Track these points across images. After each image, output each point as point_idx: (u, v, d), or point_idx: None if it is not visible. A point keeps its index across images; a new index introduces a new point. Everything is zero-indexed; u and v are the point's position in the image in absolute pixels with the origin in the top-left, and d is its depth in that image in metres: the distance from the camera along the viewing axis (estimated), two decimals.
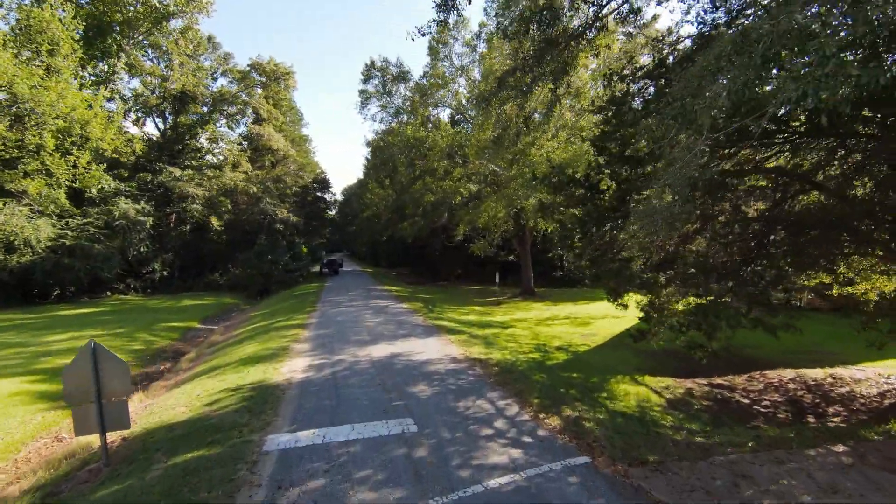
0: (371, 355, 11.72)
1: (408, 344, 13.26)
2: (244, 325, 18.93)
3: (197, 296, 29.37)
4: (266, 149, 38.36)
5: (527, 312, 22.72)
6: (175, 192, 30.40)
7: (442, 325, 17.14)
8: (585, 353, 13.74)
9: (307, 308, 21.20)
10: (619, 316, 21.29)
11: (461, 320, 19.13)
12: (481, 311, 22.53)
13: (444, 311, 21.89)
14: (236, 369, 10.65)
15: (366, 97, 29.83)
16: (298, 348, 12.70)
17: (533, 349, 13.92)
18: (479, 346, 13.56)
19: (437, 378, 9.77)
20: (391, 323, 17.02)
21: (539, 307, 24.69)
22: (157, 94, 33.59)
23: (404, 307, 21.98)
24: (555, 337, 16.19)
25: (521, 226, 27.09)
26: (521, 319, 20.14)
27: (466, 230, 30.03)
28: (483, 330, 16.82)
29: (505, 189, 20.50)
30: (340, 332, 15.04)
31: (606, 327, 18.33)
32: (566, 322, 19.67)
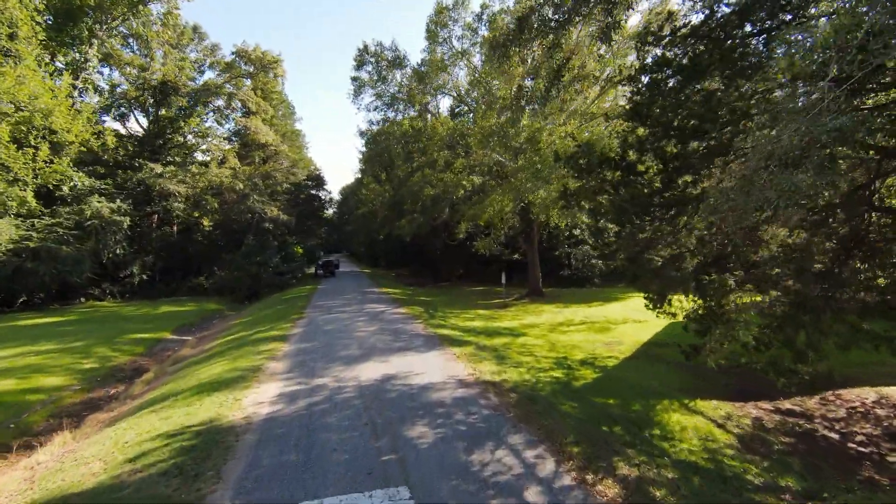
0: (359, 378, 9.54)
1: (405, 361, 11.09)
2: (220, 336, 16.76)
3: (178, 301, 27.21)
4: (255, 144, 36.15)
5: (537, 316, 20.56)
6: (155, 189, 28.20)
7: (444, 334, 14.98)
8: (615, 369, 11.57)
9: (294, 315, 19.02)
10: (640, 320, 19.18)
11: (466, 327, 16.97)
12: (487, 316, 20.36)
13: (446, 316, 19.73)
14: (187, 401, 8.47)
15: (359, 85, 27.61)
16: (273, 369, 10.53)
17: (553, 364, 11.76)
18: (489, 361, 11.40)
19: (440, 412, 7.60)
20: (386, 332, 14.85)
21: (550, 310, 22.53)
22: (136, 85, 31.38)
23: (402, 312, 19.81)
24: (574, 347, 14.03)
25: (528, 221, 24.93)
26: (533, 325, 17.98)
27: (469, 227, 27.86)
28: (491, 339, 14.66)
29: (513, 180, 18.34)
30: (327, 345, 12.86)
31: (630, 334, 16.17)
32: (583, 328, 17.51)
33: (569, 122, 19.04)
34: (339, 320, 17.37)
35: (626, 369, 11.60)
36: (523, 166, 19.92)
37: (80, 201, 25.61)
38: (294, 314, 19.23)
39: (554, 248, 37.31)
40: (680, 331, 16.84)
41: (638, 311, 21.31)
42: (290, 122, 43.17)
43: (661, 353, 13.40)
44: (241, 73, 32.81)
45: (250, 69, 33.25)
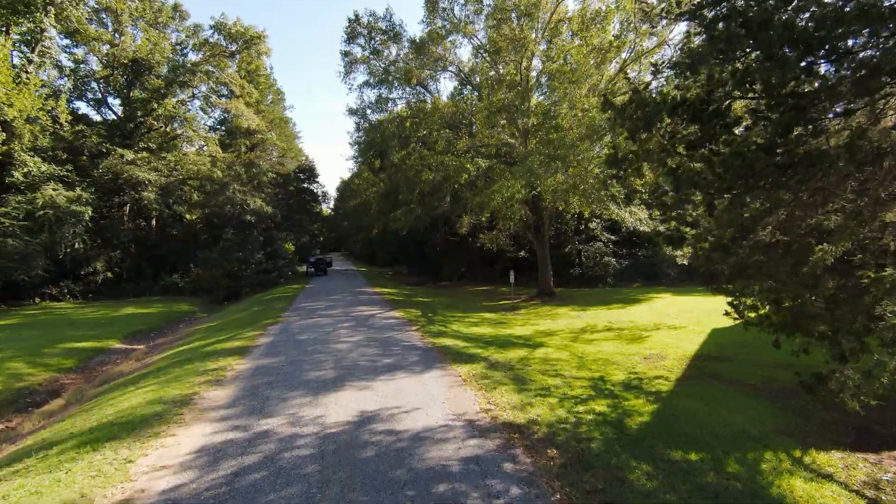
0: (325, 419, 6.64)
1: (393, 387, 8.19)
2: (174, 346, 13.85)
3: (146, 302, 24.33)
4: (240, 131, 33.23)
5: (553, 321, 17.70)
6: (122, 177, 25.27)
7: (446, 345, 12.10)
8: (673, 397, 8.68)
9: (268, 319, 16.11)
10: (675, 326, 16.31)
11: (471, 335, 14.09)
12: (495, 321, 17.49)
13: (447, 321, 16.84)
14: (60, 458, 5.59)
15: (350, 62, 24.69)
16: (210, 400, 7.62)
17: (590, 388, 8.89)
18: (506, 387, 8.51)
19: (444, 491, 4.71)
20: (374, 343, 11.96)
21: (566, 313, 19.66)
22: (105, 63, 28.43)
23: (396, 317, 16.92)
24: (608, 362, 11.17)
25: (538, 214, 22.04)
26: (550, 333, 15.11)
27: (471, 221, 24.98)
28: (504, 352, 11.78)
29: (528, 162, 15.46)
30: (294, 362, 9.95)
31: (670, 344, 13.33)
32: (610, 336, 14.65)
33: (590, 95, 16.14)
34: (318, 327, 14.46)
35: (687, 397, 8.71)
36: (536, 148, 17.05)
37: (34, 189, 22.68)
38: (268, 318, 16.32)
39: (562, 245, 34.46)
40: (731, 339, 13.93)
41: (668, 315, 18.44)
42: (280, 108, 40.29)
43: (720, 372, 10.54)
44: (222, 51, 29.87)
45: (233, 48, 30.30)
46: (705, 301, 22.30)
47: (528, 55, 19.85)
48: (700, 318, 17.68)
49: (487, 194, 16.73)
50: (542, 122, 15.86)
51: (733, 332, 14.86)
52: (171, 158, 28.21)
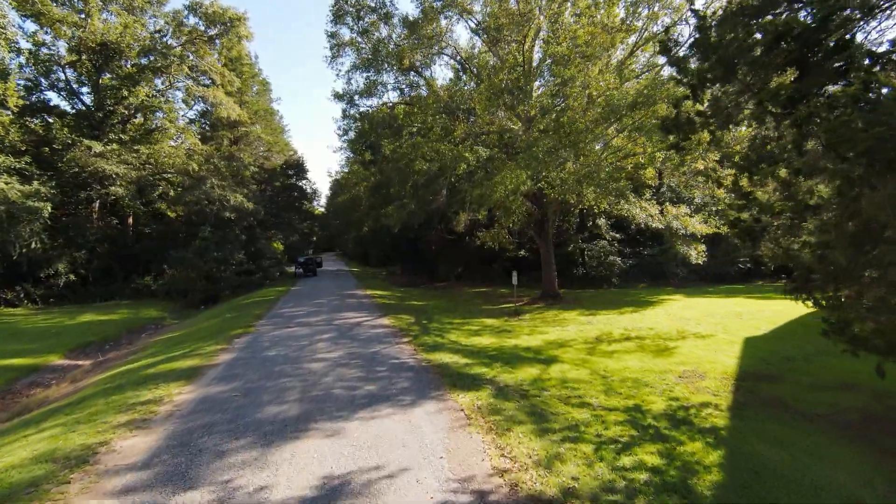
0: (269, 496, 4.59)
1: (374, 431, 6.17)
2: (122, 363, 11.72)
3: (112, 307, 22.14)
4: (222, 122, 31.02)
5: (562, 328, 15.74)
6: (87, 171, 23.03)
7: (443, 362, 10.08)
8: (738, 437, 6.70)
9: (237, 329, 14.02)
10: (702, 334, 14.36)
11: (472, 348, 12.09)
12: (498, 328, 15.49)
13: (444, 329, 14.84)
14: None
15: (337, 44, 22.56)
16: (120, 454, 5.57)
17: (628, 425, 6.91)
18: (523, 429, 6.51)
19: None
20: (356, 362, 9.92)
21: (574, 318, 17.72)
22: (71, 47, 26.13)
23: (385, 325, 14.89)
24: (639, 383, 9.22)
25: (542, 205, 20.03)
26: (562, 343, 13.14)
27: (469, 217, 22.97)
28: (513, 371, 9.79)
29: (535, 147, 13.47)
30: (251, 391, 7.89)
31: (703, 357, 11.42)
32: (632, 347, 12.71)
33: (605, 72, 14.17)
34: (293, 339, 12.38)
35: (756, 437, 6.74)
36: (544, 135, 15.06)
37: None
38: (239, 328, 14.22)
39: (565, 244, 32.56)
40: (770, 351, 11.95)
41: (689, 321, 16.53)
42: (265, 99, 38.04)
43: (778, 397, 8.60)
44: (200, 35, 27.61)
45: (212, 32, 28.04)
46: (723, 304, 20.46)
47: (532, 34, 17.87)
48: (725, 323, 15.80)
49: (489, 186, 14.74)
50: (552, 105, 13.91)
51: (768, 342, 12.99)
52: (145, 151, 25.95)
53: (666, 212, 22.76)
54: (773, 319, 16.02)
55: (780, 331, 14.14)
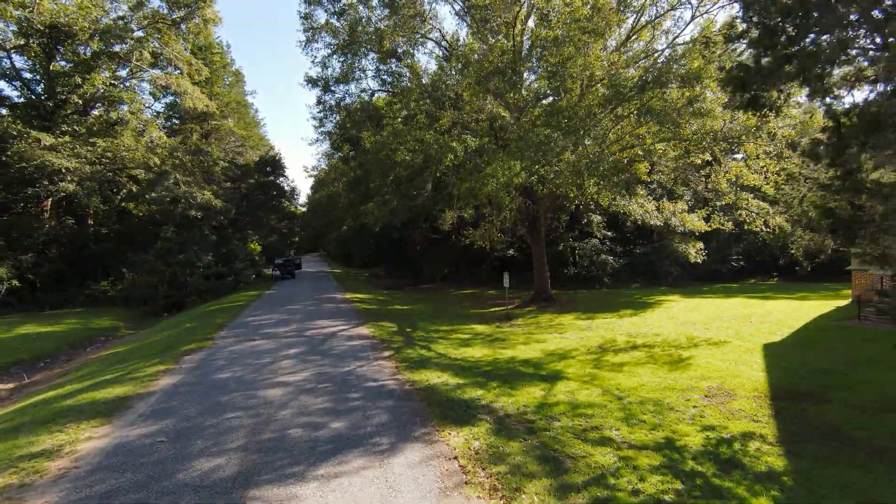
0: None
1: (336, 500, 4.51)
2: (44, 390, 9.79)
3: (60, 317, 19.91)
4: (189, 114, 28.80)
5: (560, 335, 14.31)
6: (33, 164, 20.70)
7: (430, 384, 8.46)
8: (813, 490, 5.24)
9: (192, 343, 12.16)
10: (714, 340, 13.02)
11: (463, 362, 10.51)
12: (491, 337, 13.96)
13: (430, 339, 13.22)
14: None
15: (311, 28, 20.71)
16: None
17: (667, 472, 5.38)
18: (536, 485, 4.92)
19: None
20: (325, 387, 8.22)
21: (571, 323, 16.31)
22: (18, 29, 23.73)
23: (364, 335, 13.21)
24: (662, 406, 7.78)
25: (535, 201, 18.56)
26: (563, 353, 11.67)
27: (456, 214, 21.39)
28: (514, 393, 8.24)
29: (530, 134, 11.94)
30: (183, 434, 6.15)
31: (724, 370, 10.08)
32: (641, 357, 11.33)
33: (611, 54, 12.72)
34: (254, 356, 10.61)
35: (826, 484, 5.30)
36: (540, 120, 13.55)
37: None
38: (194, 341, 12.35)
39: (555, 243, 31.24)
40: (799, 362, 10.67)
41: (694, 325, 15.25)
42: (239, 91, 35.83)
43: (831, 422, 7.21)
44: (163, 18, 25.34)
45: (176, 15, 25.79)
46: (725, 305, 19.31)
47: (523, 14, 16.40)
48: (736, 328, 14.55)
49: (479, 178, 13.18)
50: (547, 87, 12.42)
51: (791, 350, 11.72)
52: (102, 144, 23.68)
53: (663, 208, 21.54)
54: (786, 323, 14.84)
55: (798, 337, 12.91)
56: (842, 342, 12.08)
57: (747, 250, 34.67)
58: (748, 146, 15.88)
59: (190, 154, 25.87)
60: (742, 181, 16.90)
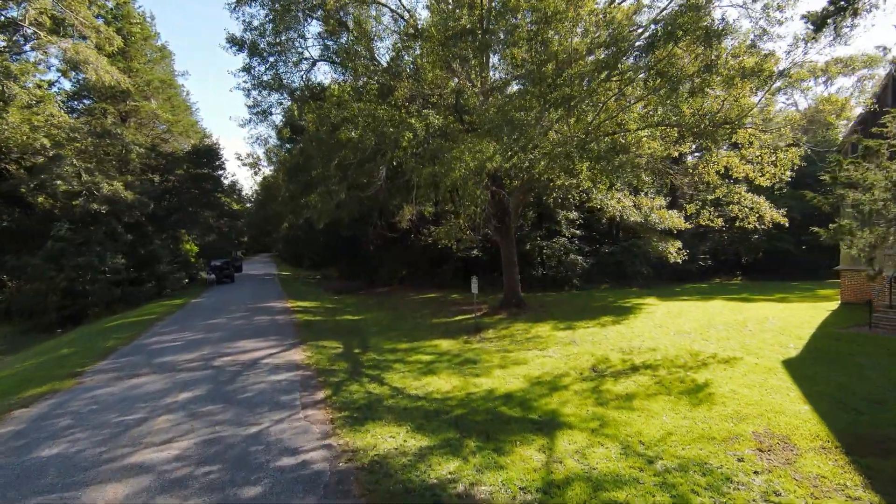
0: None
1: None
2: None
3: None
4: (99, 92, 24.29)
5: (541, 351, 11.90)
6: None
7: (379, 455, 5.66)
8: None
9: (48, 381, 8.69)
10: (725, 357, 10.90)
11: (426, 404, 7.79)
12: (459, 357, 11.29)
13: (383, 365, 10.37)
14: None
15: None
16: None
17: None
18: None
19: None
20: (207, 475, 5.24)
21: (550, 334, 13.94)
22: None
23: (296, 362, 10.17)
24: (717, 476, 5.42)
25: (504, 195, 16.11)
26: (552, 381, 9.24)
27: (416, 210, 18.67)
28: (502, 461, 5.60)
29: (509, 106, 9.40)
30: None
31: (760, 403, 7.95)
32: (646, 382, 9.10)
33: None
34: (122, 408, 7.38)
35: None
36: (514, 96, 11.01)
37: None
38: (52, 379, 8.87)
39: (522, 242, 29.06)
40: (837, 386, 8.74)
41: (688, 335, 13.25)
42: (165, 70, 31.18)
43: None
44: None
45: None
46: (709, 309, 17.63)
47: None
48: (738, 338, 12.66)
49: (446, 162, 10.52)
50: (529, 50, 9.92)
51: (815, 368, 9.82)
52: None
53: (641, 203, 19.70)
54: (789, 331, 13.12)
55: (814, 350, 11.10)
56: (867, 357, 10.33)
57: (713, 249, 33.98)
58: (741, 132, 14.09)
59: (95, 136, 21.43)
60: (732, 173, 15.15)
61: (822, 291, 23.61)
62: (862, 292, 16.17)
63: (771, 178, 14.39)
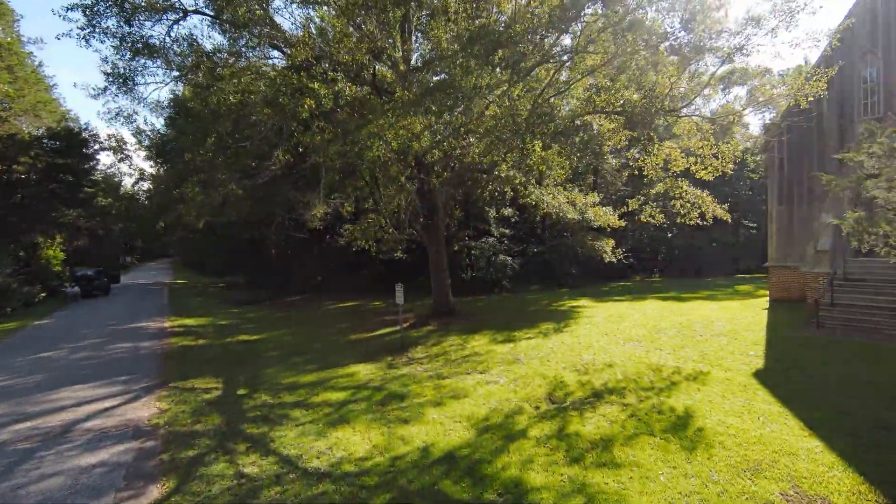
0: None
1: None
2: None
3: None
4: None
5: (483, 374, 9.78)
6: None
7: None
8: None
9: None
10: (692, 373, 9.31)
11: (339, 488, 5.12)
12: (382, 393, 8.69)
13: (275, 418, 7.45)
14: None
15: None
16: None
17: None
18: None
19: None
20: None
21: (490, 350, 11.86)
22: None
23: (137, 424, 6.92)
24: None
25: (432, 189, 13.81)
26: (504, 424, 7.08)
27: (326, 209, 15.74)
28: None
29: (446, 63, 7.05)
30: None
31: (765, 440, 6.43)
32: (618, 415, 7.31)
33: None
34: None
35: None
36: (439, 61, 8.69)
37: None
38: None
39: (449, 242, 27.01)
40: (821, 401, 7.55)
41: (641, 344, 11.87)
42: (8, 33, 24.54)
43: None
44: None
45: None
46: (648, 311, 16.69)
47: None
48: (693, 346, 11.51)
49: (359, 139, 7.88)
50: None
51: (786, 379, 8.69)
52: None
53: (574, 199, 18.43)
54: (740, 335, 12.24)
55: (778, 358, 10.08)
56: (839, 365, 9.43)
57: (633, 247, 34.53)
58: (684, 121, 13.07)
59: None
60: (672, 166, 14.16)
61: (741, 287, 24.31)
62: (790, 289, 16.14)
63: (713, 171, 13.53)
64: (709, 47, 8.64)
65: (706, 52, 9.74)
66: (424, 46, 14.06)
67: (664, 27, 8.16)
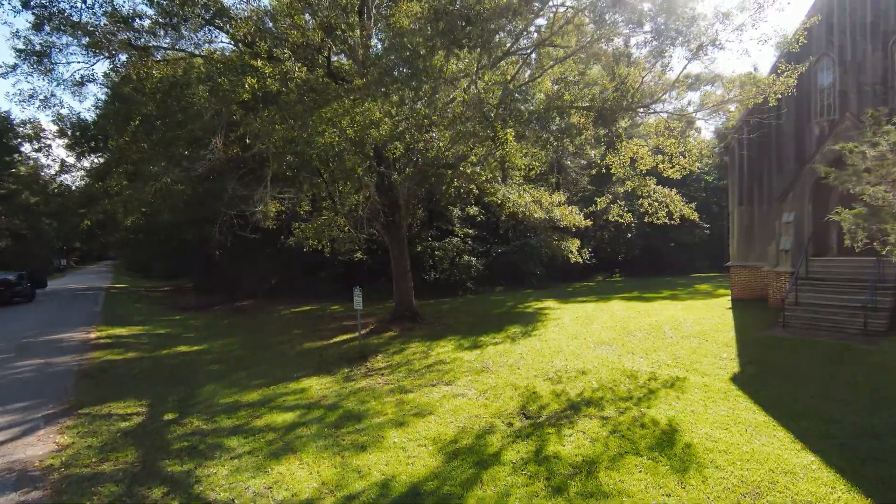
0: None
1: None
2: None
3: None
4: None
5: (449, 386, 8.99)
6: None
7: None
8: None
9: None
10: (669, 379, 8.85)
11: None
12: (336, 412, 7.66)
13: (206, 443, 6.29)
14: None
15: None
16: None
17: None
18: None
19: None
20: None
21: (456, 358, 11.06)
22: None
23: (23, 468, 5.58)
24: None
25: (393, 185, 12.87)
26: (473, 447, 6.25)
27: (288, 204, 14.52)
28: None
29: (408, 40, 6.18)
30: None
31: (761, 459, 5.98)
32: (599, 432, 6.70)
33: None
34: None
35: None
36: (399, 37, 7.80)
37: None
38: None
39: (412, 243, 26.04)
40: (808, 409, 7.30)
41: (612, 347, 11.40)
42: None
43: None
44: None
45: None
46: (615, 312, 16.35)
47: None
48: (665, 348, 11.15)
49: (308, 122, 6.84)
50: None
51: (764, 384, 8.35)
52: None
53: (541, 199, 17.94)
54: (709, 336, 12.01)
55: (753, 361, 9.80)
56: (814, 367, 9.22)
57: (595, 247, 34.73)
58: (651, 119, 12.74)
59: None
60: (639, 164, 13.87)
61: (701, 287, 24.71)
62: (751, 288, 16.27)
63: (681, 170, 13.32)
64: (684, 34, 8.21)
65: (678, 43, 9.33)
66: (386, 31, 13.09)
67: (642, 6, 7.69)
